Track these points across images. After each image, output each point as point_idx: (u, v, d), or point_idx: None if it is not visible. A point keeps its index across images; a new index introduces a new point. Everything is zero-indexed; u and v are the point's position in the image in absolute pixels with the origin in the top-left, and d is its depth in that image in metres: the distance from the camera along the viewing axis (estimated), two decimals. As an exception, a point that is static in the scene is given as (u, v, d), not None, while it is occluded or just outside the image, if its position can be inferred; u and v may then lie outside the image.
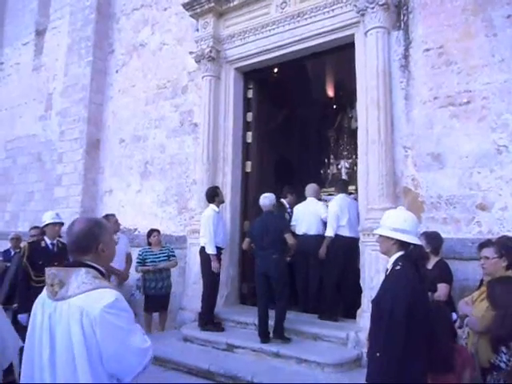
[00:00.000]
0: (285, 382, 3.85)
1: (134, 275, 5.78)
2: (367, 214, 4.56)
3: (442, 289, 3.52)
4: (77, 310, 1.58)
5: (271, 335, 4.59)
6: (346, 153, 8.50)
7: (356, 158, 7.63)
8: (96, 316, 1.55)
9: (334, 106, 9.13)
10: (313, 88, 8.88)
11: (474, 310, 2.86)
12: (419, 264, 2.24)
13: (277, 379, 3.92)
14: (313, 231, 5.34)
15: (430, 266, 3.60)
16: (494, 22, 4.26)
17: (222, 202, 5.56)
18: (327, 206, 5.49)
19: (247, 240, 5.20)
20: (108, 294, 1.62)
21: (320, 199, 5.89)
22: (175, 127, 6.82)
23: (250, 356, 4.50)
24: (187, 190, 6.51)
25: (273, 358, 4.34)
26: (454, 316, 3.22)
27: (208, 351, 4.73)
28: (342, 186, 5.61)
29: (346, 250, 5.08)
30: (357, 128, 7.25)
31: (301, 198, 5.86)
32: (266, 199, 5.01)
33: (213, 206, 5.31)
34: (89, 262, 1.72)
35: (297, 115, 8.83)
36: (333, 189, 6.68)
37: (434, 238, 3.77)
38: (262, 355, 4.43)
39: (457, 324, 3.06)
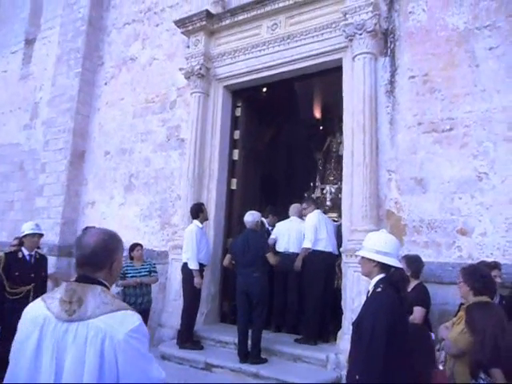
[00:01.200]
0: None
1: (113, 289, 5.66)
2: (350, 235, 4.59)
3: (417, 312, 3.52)
4: (98, 333, 1.40)
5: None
6: (332, 178, 8.39)
7: (341, 184, 7.71)
8: (120, 341, 1.39)
9: (321, 128, 9.21)
10: (301, 109, 9.00)
11: (450, 333, 2.88)
12: (400, 287, 2.25)
13: (255, 401, 3.86)
14: (293, 249, 5.31)
15: (408, 288, 3.62)
16: (476, 53, 4.41)
17: (206, 219, 5.54)
18: None
19: (228, 256, 5.11)
20: (132, 317, 1.47)
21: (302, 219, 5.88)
22: (162, 142, 6.82)
23: (228, 376, 4.42)
24: (171, 205, 6.47)
25: (252, 379, 4.28)
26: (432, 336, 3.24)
27: (185, 370, 4.64)
28: (314, 202, 5.70)
29: (327, 266, 5.03)
30: None
31: (282, 218, 5.86)
32: (250, 216, 4.97)
33: (196, 222, 5.29)
34: (101, 280, 1.55)
35: (284, 135, 8.91)
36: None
37: (414, 262, 3.77)
38: (241, 375, 4.36)
39: (436, 347, 3.07)
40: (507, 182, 4.05)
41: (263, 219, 5.94)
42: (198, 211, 5.36)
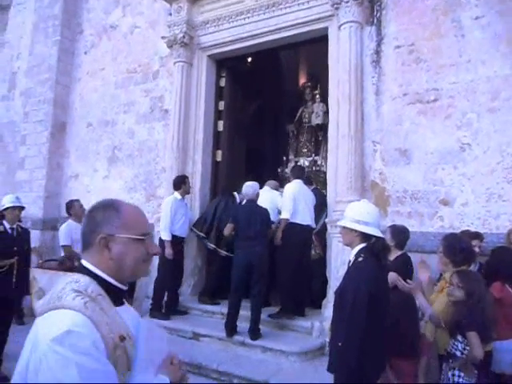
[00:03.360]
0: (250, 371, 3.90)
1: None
2: (335, 206, 4.64)
3: (390, 277, 3.51)
4: (31, 338, 1.05)
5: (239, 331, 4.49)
6: (305, 150, 7.93)
7: (316, 155, 7.52)
8: (44, 353, 0.99)
9: (318, 91, 8.98)
10: (286, 79, 8.89)
11: (435, 305, 2.92)
12: (381, 256, 2.29)
13: (242, 367, 3.96)
14: None
15: (390, 258, 3.66)
16: (462, 22, 4.38)
17: (188, 192, 5.53)
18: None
19: (231, 226, 4.66)
20: (62, 320, 1.02)
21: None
22: (145, 113, 6.69)
23: (215, 345, 4.52)
24: (156, 178, 6.41)
25: (238, 347, 4.38)
26: None
27: (173, 340, 4.71)
28: (298, 172, 5.28)
29: (303, 241, 4.84)
30: (317, 124, 7.25)
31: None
32: (250, 188, 4.75)
33: (176, 194, 5.31)
34: (88, 265, 1.17)
35: (269, 106, 8.81)
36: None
37: (399, 234, 3.70)
38: (228, 344, 4.46)
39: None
40: (489, 152, 4.10)
41: (235, 193, 5.79)
42: (180, 183, 5.37)
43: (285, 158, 8.14)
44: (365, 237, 2.30)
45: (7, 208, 4.49)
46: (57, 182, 7.40)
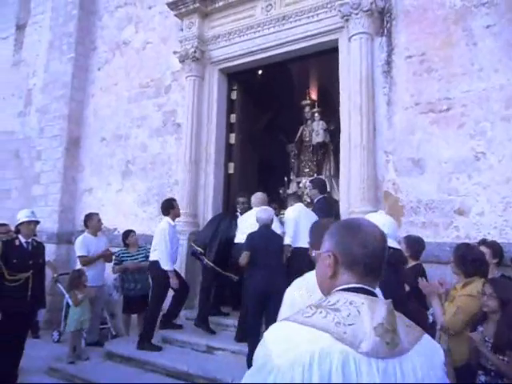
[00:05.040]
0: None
1: (112, 275, 5.70)
2: (348, 216, 4.60)
3: None
4: (417, 373, 0.99)
5: None
6: (307, 170, 7.70)
7: (318, 175, 7.32)
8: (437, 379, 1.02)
9: (317, 109, 9.03)
10: (297, 92, 8.91)
11: (445, 316, 2.87)
12: (398, 267, 2.26)
13: (256, 381, 3.90)
14: None
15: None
16: (473, 31, 4.36)
17: (178, 215, 5.25)
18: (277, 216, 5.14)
19: (247, 254, 4.32)
20: (437, 344, 1.10)
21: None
22: (158, 127, 6.76)
23: (229, 358, 4.48)
24: (169, 191, 6.45)
25: (252, 360, 4.32)
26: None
27: (187, 353, 4.69)
28: (296, 197, 5.21)
29: (308, 263, 4.54)
30: (318, 143, 7.23)
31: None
32: (265, 213, 4.49)
33: (168, 219, 5.03)
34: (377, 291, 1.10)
35: (281, 118, 8.83)
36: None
37: (413, 244, 3.68)
38: (242, 357, 4.40)
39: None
40: (504, 161, 4.05)
41: (237, 213, 5.55)
42: (168, 208, 5.07)
43: (286, 179, 7.83)
44: (382, 248, 2.27)
45: (23, 222, 4.55)
46: (71, 196, 7.50)
